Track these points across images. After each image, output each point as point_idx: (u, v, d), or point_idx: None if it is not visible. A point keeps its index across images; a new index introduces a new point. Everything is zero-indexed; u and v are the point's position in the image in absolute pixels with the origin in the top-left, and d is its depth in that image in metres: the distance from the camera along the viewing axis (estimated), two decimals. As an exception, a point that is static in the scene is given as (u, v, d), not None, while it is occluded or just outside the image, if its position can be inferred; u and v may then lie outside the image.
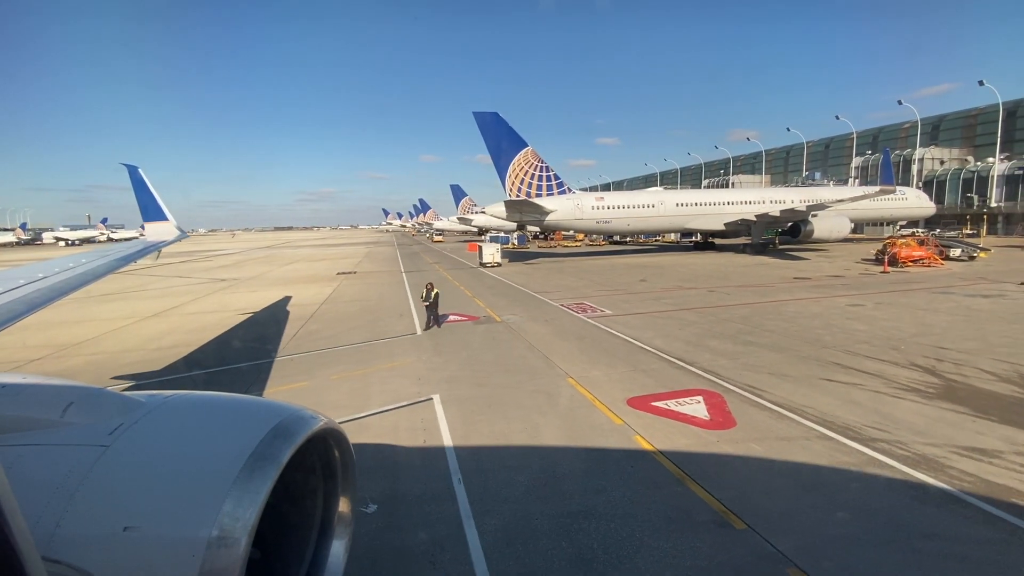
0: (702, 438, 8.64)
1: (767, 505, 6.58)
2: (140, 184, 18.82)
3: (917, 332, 15.49)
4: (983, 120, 65.00)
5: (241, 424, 2.11)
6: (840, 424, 8.98)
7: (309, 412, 2.20)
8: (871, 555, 5.59)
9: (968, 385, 10.82)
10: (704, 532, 6.11)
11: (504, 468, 7.88)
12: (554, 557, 5.74)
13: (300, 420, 2.10)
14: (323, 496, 2.43)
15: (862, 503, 6.62)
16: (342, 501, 2.47)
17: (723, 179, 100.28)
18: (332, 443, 2.37)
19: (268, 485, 1.80)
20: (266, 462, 1.85)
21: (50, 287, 6.61)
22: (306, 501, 2.39)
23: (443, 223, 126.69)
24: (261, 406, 2.29)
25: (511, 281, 32.01)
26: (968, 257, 34.44)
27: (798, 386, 11.02)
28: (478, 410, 10.26)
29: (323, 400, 11.37)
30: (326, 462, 2.40)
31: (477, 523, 6.38)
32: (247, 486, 1.77)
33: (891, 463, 7.57)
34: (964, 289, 23.35)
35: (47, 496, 1.77)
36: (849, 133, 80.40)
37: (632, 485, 7.23)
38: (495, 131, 43.49)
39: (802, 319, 17.87)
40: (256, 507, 1.74)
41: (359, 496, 2.35)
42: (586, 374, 12.33)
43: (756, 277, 30.00)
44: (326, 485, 2.43)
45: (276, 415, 2.09)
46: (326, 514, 2.43)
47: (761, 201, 48.08)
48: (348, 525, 2.48)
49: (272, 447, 1.91)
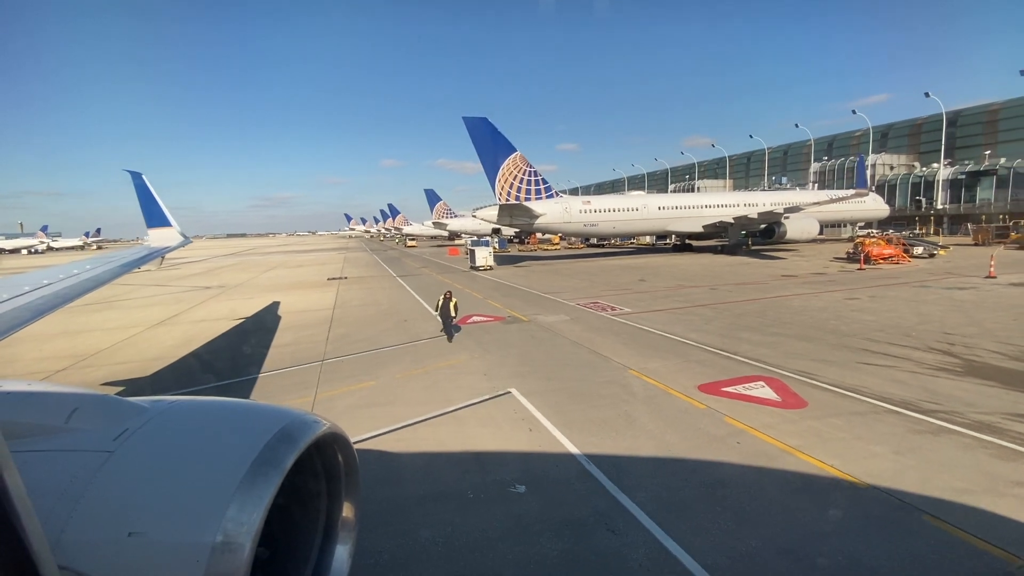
0: (785, 417, 9.53)
1: (878, 467, 7.49)
2: (143, 190, 18.54)
3: (919, 321, 17.09)
4: (927, 128, 70.54)
5: (245, 429, 2.11)
6: (898, 399, 10.08)
7: (312, 417, 2.20)
8: (985, 501, 6.54)
9: (986, 364, 12.23)
10: (832, 492, 6.95)
11: (623, 448, 8.50)
12: (716, 517, 6.42)
13: (304, 425, 2.10)
14: (327, 501, 2.42)
15: (952, 460, 7.62)
16: (346, 506, 2.46)
17: (688, 184, 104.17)
18: (336, 448, 2.35)
19: (272, 490, 1.80)
20: (270, 467, 1.85)
21: (55, 294, 6.68)
22: (310, 506, 2.38)
23: (413, 228, 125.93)
24: (265, 411, 2.27)
25: (512, 283, 32.60)
26: (929, 255, 37.50)
27: (843, 370, 12.14)
28: (564, 401, 10.83)
29: (400, 397, 11.66)
30: (330, 467, 2.39)
31: (630, 496, 6.98)
32: (251, 491, 1.77)
33: (958, 429, 8.67)
34: (938, 283, 25.61)
35: (52, 502, 1.78)
36: (807, 140, 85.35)
37: (745, 457, 8.01)
38: (484, 136, 44.07)
39: (811, 312, 19.29)
40: (260, 512, 1.74)
41: (362, 500, 2.46)
42: (644, 366, 13.10)
43: (746, 275, 31.72)
44: (330, 490, 2.42)
45: (280, 420, 2.09)
46: (330, 519, 2.42)
47: (736, 204, 50.62)
48: (352, 530, 2.46)
49: (276, 452, 1.91)
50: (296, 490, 2.21)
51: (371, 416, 10.49)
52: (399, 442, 9.23)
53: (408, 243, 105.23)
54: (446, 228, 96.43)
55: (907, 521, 6.22)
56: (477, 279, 35.97)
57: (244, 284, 40.24)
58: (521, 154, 45.21)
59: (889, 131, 76.31)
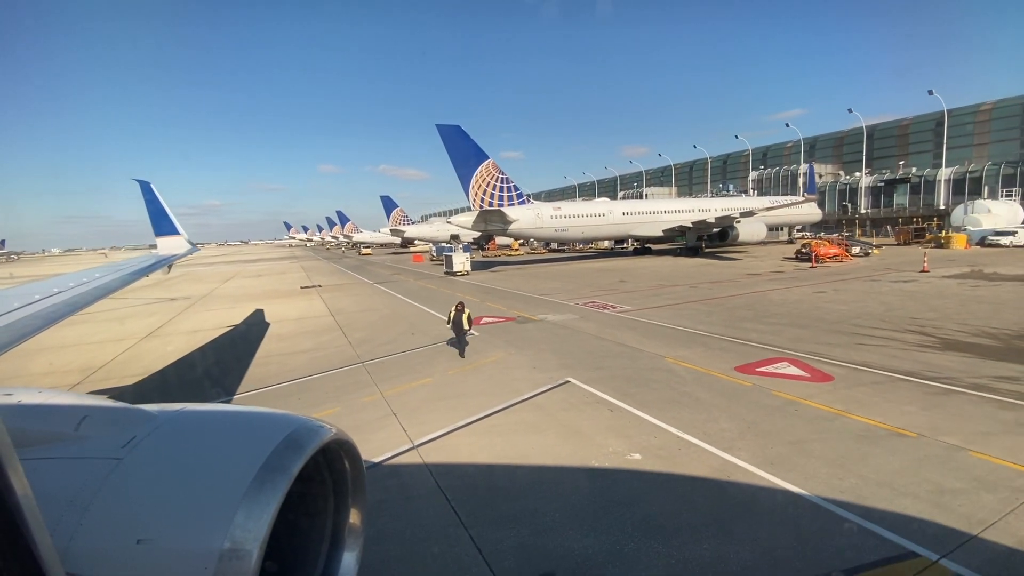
0: (821, 388, 11.11)
1: (915, 421, 9.11)
2: (152, 199, 18.29)
3: (885, 309, 19.64)
4: (849, 141, 78.34)
5: (252, 436, 2.13)
6: (904, 371, 11.96)
7: (319, 423, 2.21)
8: (1007, 440, 8.24)
9: (957, 340, 14.54)
10: (891, 440, 8.46)
11: (701, 420, 9.67)
12: (810, 466, 7.71)
13: (310, 431, 2.11)
14: (334, 507, 2.43)
15: (968, 413, 9.39)
16: (353, 512, 2.46)
17: (637, 191, 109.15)
18: (343, 454, 2.36)
19: (279, 496, 1.81)
20: (276, 474, 1.87)
21: (65, 302, 6.75)
22: (317, 512, 2.39)
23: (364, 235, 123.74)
24: (271, 418, 2.28)
25: (497, 287, 33.47)
26: (865, 253, 41.99)
27: (846, 350, 14.03)
28: (624, 386, 11.91)
29: (467, 391, 12.30)
30: (337, 473, 2.41)
31: (735, 455, 8.17)
32: (258, 498, 1.78)
33: (962, 390, 10.57)
34: (884, 277, 29.04)
35: (62, 509, 1.79)
36: (744, 150, 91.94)
37: (809, 420, 9.42)
38: (457, 143, 44.79)
39: (792, 304, 21.56)
40: (267, 518, 1.75)
41: (368, 507, 2.56)
42: (676, 354, 14.46)
43: (715, 275, 34.28)
44: (336, 496, 2.43)
45: (286, 427, 2.11)
46: (337, 525, 2.43)
47: (692, 210, 54.13)
48: (359, 536, 2.46)
49: (283, 459, 1.92)
50: (303, 496, 2.25)
51: (450, 407, 11.13)
52: (491, 429, 9.96)
53: (363, 251, 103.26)
54: (403, 235, 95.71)
55: (958, 457, 7.79)
56: (459, 284, 36.50)
57: (210, 295, 38.64)
58: (493, 161, 46.27)
59: (816, 143, 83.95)
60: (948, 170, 63.69)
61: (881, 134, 75.50)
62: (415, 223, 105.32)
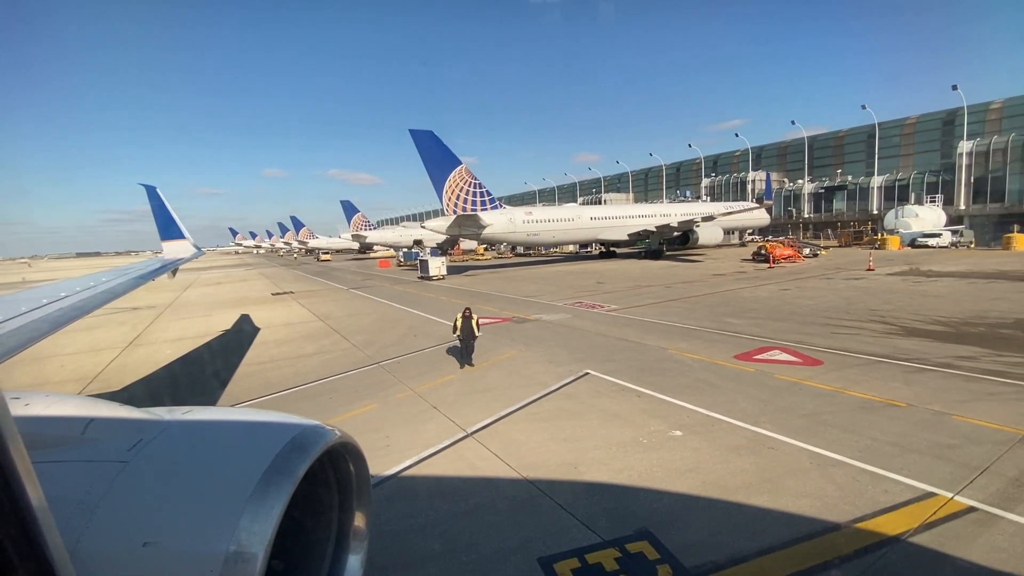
0: (815, 371, 12.53)
1: (903, 394, 10.59)
2: (158, 203, 18.15)
3: (847, 303, 21.77)
4: (792, 150, 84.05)
5: (257, 439, 2.13)
6: (880, 354, 13.62)
7: (324, 426, 2.22)
8: (980, 406, 9.79)
9: (916, 328, 16.52)
10: (887, 409, 9.84)
11: (722, 401, 10.80)
12: (827, 433, 8.93)
13: (316, 434, 2.13)
14: (339, 510, 2.46)
15: (943, 386, 10.98)
16: (357, 515, 2.48)
17: (596, 196, 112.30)
18: (348, 457, 2.38)
19: (284, 499, 1.82)
20: (282, 476, 1.88)
21: (72, 306, 6.78)
22: (322, 515, 2.41)
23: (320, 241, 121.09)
24: (277, 421, 2.30)
25: (478, 290, 34.09)
26: (814, 255, 45.50)
27: (825, 339, 15.67)
28: (641, 375, 12.92)
29: (494, 385, 12.95)
30: (341, 476, 2.43)
31: (764, 429, 9.30)
32: (263, 500, 1.80)
33: (933, 368, 12.26)
34: (836, 275, 31.79)
35: (69, 512, 1.79)
36: (696, 158, 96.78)
37: (815, 397, 10.72)
38: (430, 149, 45.19)
39: (763, 300, 23.44)
40: (273, 521, 1.77)
41: (373, 509, 2.52)
42: (677, 346, 15.67)
43: (684, 276, 36.28)
44: (342, 499, 2.45)
45: (292, 429, 2.12)
46: (342, 528, 2.45)
47: (655, 215, 56.67)
48: (364, 539, 2.48)
49: (288, 461, 1.94)
50: (308, 499, 2.26)
51: (486, 400, 11.78)
52: (534, 416, 10.71)
53: (322, 257, 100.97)
54: (365, 240, 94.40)
55: (945, 420, 9.24)
56: (436, 288, 36.81)
57: (175, 304, 37.17)
58: (466, 166, 46.94)
59: (762, 152, 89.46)
60: (880, 178, 69.68)
61: (820, 144, 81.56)
62: (376, 228, 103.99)
